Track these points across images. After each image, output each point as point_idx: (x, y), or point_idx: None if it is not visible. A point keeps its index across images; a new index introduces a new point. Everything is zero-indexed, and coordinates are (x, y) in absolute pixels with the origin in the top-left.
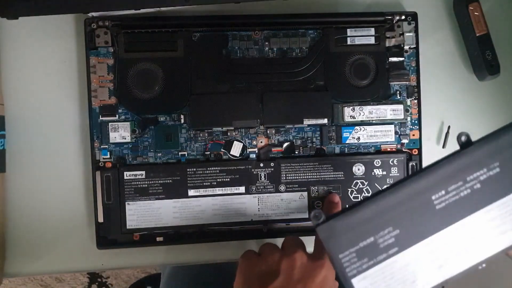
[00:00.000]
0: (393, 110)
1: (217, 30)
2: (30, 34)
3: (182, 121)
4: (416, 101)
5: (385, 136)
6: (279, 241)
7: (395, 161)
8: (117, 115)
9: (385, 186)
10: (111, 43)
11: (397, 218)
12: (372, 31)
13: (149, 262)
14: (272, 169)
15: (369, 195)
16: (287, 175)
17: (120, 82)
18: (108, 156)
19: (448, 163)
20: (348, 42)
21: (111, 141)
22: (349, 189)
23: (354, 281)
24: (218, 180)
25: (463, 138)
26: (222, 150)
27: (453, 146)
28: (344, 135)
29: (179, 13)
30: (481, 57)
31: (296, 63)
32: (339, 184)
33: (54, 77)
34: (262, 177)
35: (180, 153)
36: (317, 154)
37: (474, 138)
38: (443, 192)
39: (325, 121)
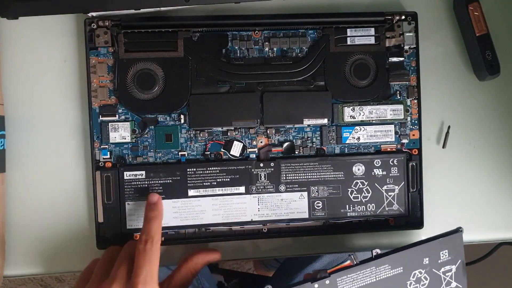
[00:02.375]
0: (393, 110)
1: (217, 30)
2: (30, 34)
3: (182, 121)
4: (416, 101)
5: (385, 136)
6: (278, 242)
7: (395, 161)
8: (117, 115)
9: None
10: (111, 43)
11: None
12: (372, 31)
13: None
14: (272, 169)
15: None
16: (287, 175)
17: (120, 82)
18: (108, 156)
19: None
20: (348, 42)
21: (111, 141)
22: (349, 189)
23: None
24: (218, 180)
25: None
26: (222, 150)
27: (453, 146)
28: (344, 135)
29: (179, 13)
30: (481, 57)
31: (296, 63)
32: (339, 184)
33: (54, 77)
34: (262, 177)
35: (180, 153)
36: (317, 154)
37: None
38: None
39: (325, 121)
